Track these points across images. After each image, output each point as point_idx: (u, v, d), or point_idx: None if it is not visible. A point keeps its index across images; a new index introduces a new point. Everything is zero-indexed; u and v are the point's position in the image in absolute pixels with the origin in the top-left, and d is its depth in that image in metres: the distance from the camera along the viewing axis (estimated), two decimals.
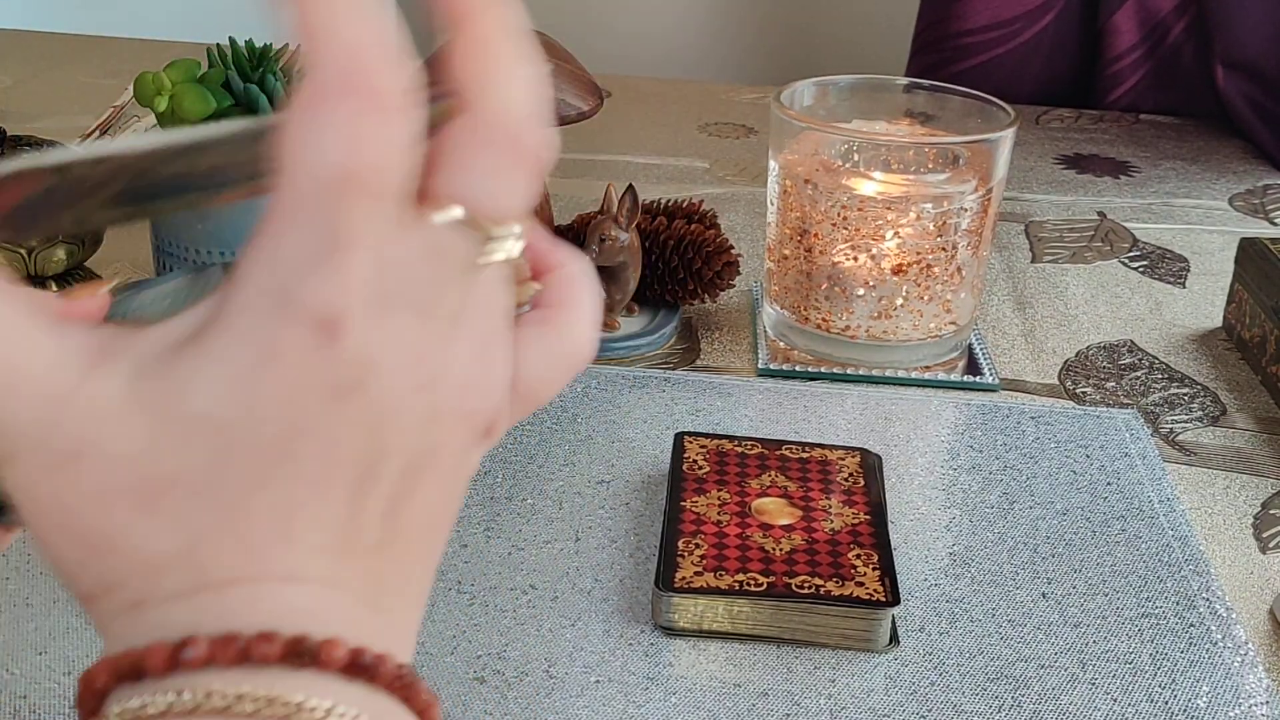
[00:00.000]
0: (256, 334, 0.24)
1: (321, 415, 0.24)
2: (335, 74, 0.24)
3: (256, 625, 0.23)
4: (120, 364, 0.24)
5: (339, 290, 0.24)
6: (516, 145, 0.26)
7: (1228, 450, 0.69)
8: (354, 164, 0.23)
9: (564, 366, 0.28)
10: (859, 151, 0.73)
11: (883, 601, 0.52)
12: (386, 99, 0.24)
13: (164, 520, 0.24)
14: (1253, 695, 0.51)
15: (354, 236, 0.24)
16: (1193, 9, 1.19)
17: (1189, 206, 1.02)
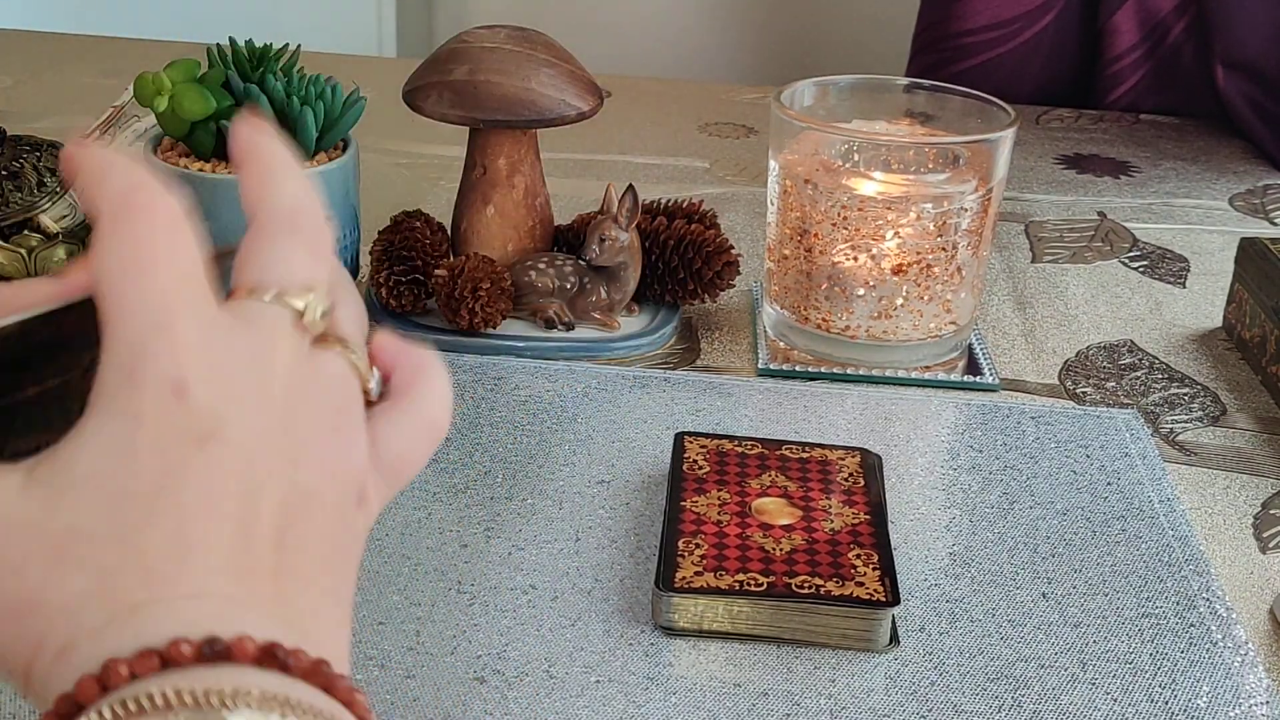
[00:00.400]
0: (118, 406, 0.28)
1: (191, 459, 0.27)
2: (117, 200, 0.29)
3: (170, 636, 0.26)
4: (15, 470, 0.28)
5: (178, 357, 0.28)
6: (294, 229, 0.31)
7: (1228, 450, 0.69)
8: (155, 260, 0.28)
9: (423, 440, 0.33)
10: (859, 151, 0.73)
11: (883, 601, 0.52)
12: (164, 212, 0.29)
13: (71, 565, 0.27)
14: (1253, 695, 0.51)
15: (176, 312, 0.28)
16: (1193, 9, 1.19)
17: (1189, 206, 1.02)
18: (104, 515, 0.27)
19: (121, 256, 0.28)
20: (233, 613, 0.27)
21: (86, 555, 0.27)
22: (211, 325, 0.29)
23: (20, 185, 0.73)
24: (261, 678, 0.25)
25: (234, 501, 0.28)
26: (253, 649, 0.26)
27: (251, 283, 0.30)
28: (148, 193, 0.29)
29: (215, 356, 0.28)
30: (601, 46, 1.30)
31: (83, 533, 0.27)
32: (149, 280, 0.28)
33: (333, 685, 0.26)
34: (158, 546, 0.27)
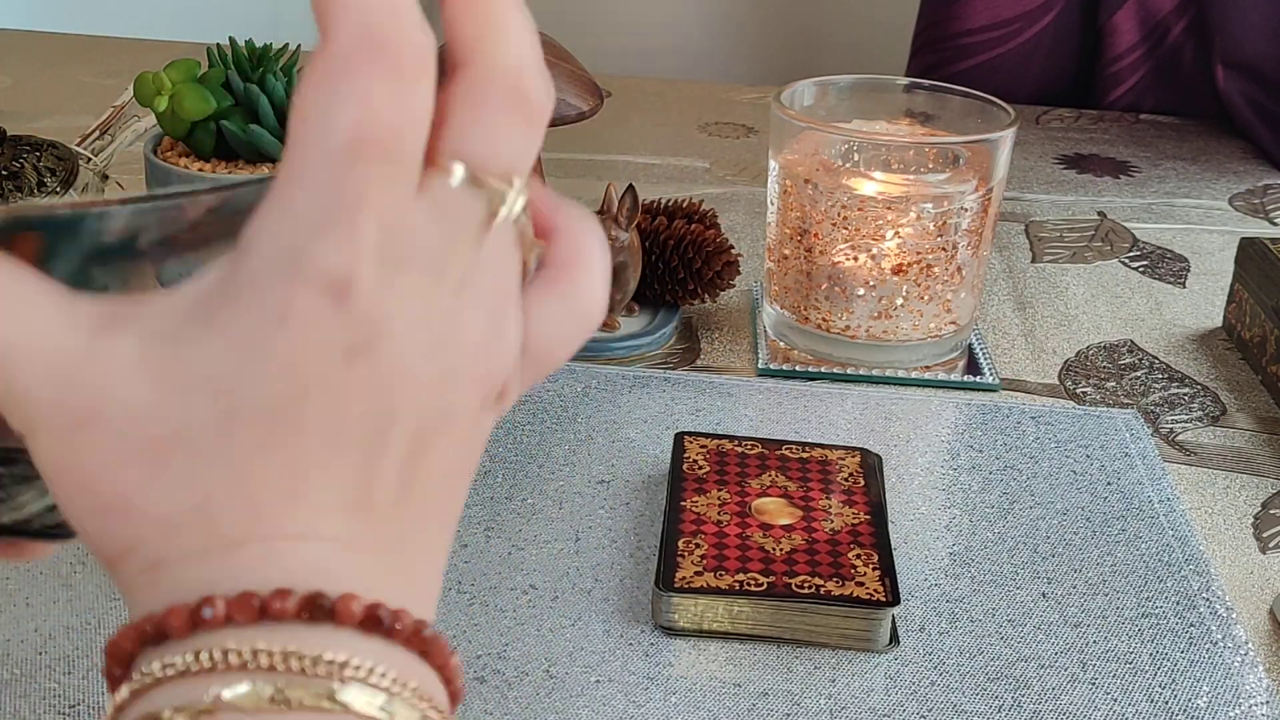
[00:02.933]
0: (265, 297, 0.24)
1: (331, 377, 0.24)
2: (352, 37, 0.23)
3: (272, 582, 0.24)
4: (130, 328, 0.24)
5: (349, 252, 0.23)
6: (515, 97, 0.26)
7: (1228, 450, 0.69)
8: (368, 129, 0.23)
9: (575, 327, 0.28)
10: (859, 151, 0.73)
11: (883, 601, 0.52)
12: (403, 65, 0.24)
13: (174, 479, 0.24)
14: (1253, 695, 0.51)
15: (365, 200, 0.23)
16: (1193, 9, 1.19)
17: (1189, 206, 1.02)
18: (218, 429, 0.24)
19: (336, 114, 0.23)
20: (340, 561, 0.24)
21: (192, 470, 0.24)
22: (400, 218, 0.24)
23: (20, 185, 0.73)
24: (365, 644, 0.24)
25: (366, 428, 0.24)
26: (358, 611, 0.24)
27: (457, 153, 0.25)
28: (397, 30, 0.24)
29: (393, 257, 0.24)
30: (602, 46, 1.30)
31: (192, 443, 0.24)
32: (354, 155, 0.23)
33: (432, 650, 0.25)
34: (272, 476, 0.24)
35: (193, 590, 0.24)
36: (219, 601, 0.23)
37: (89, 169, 0.75)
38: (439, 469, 0.26)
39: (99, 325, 0.24)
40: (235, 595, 0.23)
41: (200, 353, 0.24)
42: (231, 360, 0.24)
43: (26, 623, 0.52)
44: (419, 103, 0.24)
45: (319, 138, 0.23)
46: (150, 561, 0.24)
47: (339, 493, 0.24)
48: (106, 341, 0.24)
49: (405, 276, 0.24)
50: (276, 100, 0.72)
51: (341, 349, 0.24)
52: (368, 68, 0.23)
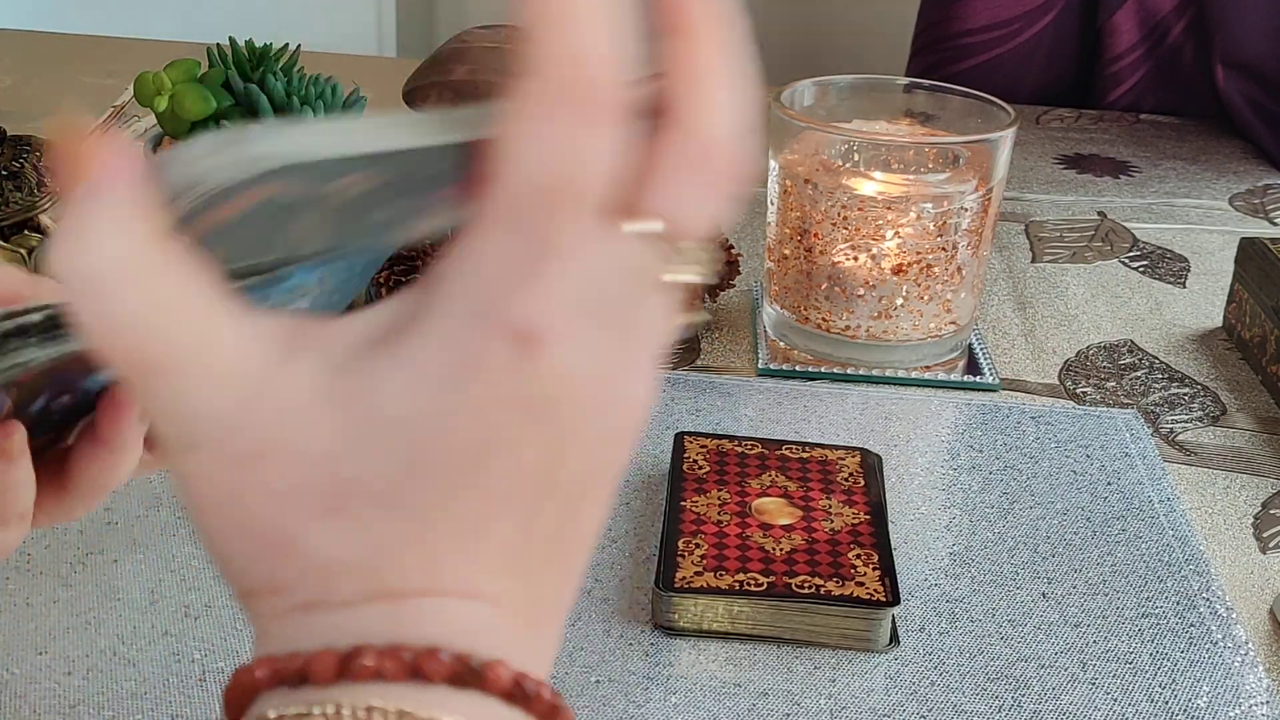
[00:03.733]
0: (456, 341, 0.23)
1: (512, 430, 0.23)
2: (560, 80, 0.23)
3: (426, 640, 0.23)
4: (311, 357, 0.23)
5: (543, 305, 0.23)
6: (718, 167, 0.25)
7: (1228, 450, 0.69)
8: (570, 176, 0.23)
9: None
10: (859, 151, 0.73)
11: (883, 601, 0.52)
12: (609, 112, 0.23)
13: (348, 525, 0.23)
14: (1253, 695, 0.51)
15: (561, 250, 0.23)
16: (1193, 9, 1.19)
17: (1189, 206, 1.02)
18: (401, 477, 0.23)
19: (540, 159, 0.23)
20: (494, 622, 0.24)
21: (369, 518, 0.23)
22: (593, 270, 0.24)
23: (21, 185, 0.73)
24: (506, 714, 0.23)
25: (533, 487, 0.24)
26: (506, 680, 0.23)
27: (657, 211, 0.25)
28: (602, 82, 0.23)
29: (583, 310, 0.23)
30: None
31: (374, 490, 0.23)
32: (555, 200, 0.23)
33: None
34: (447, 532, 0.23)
35: (345, 637, 0.23)
36: (370, 654, 0.22)
37: None
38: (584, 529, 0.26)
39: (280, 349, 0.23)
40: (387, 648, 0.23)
41: (389, 391, 0.23)
42: (419, 406, 0.23)
43: (26, 623, 0.52)
44: (615, 153, 0.24)
45: (520, 181, 0.23)
46: (302, 602, 0.24)
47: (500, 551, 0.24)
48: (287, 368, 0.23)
49: (589, 332, 0.24)
50: (276, 100, 0.72)
51: (527, 404, 0.23)
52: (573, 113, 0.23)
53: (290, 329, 0.24)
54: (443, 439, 0.23)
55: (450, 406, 0.23)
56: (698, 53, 0.25)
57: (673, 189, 0.25)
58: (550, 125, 0.23)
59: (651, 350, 0.25)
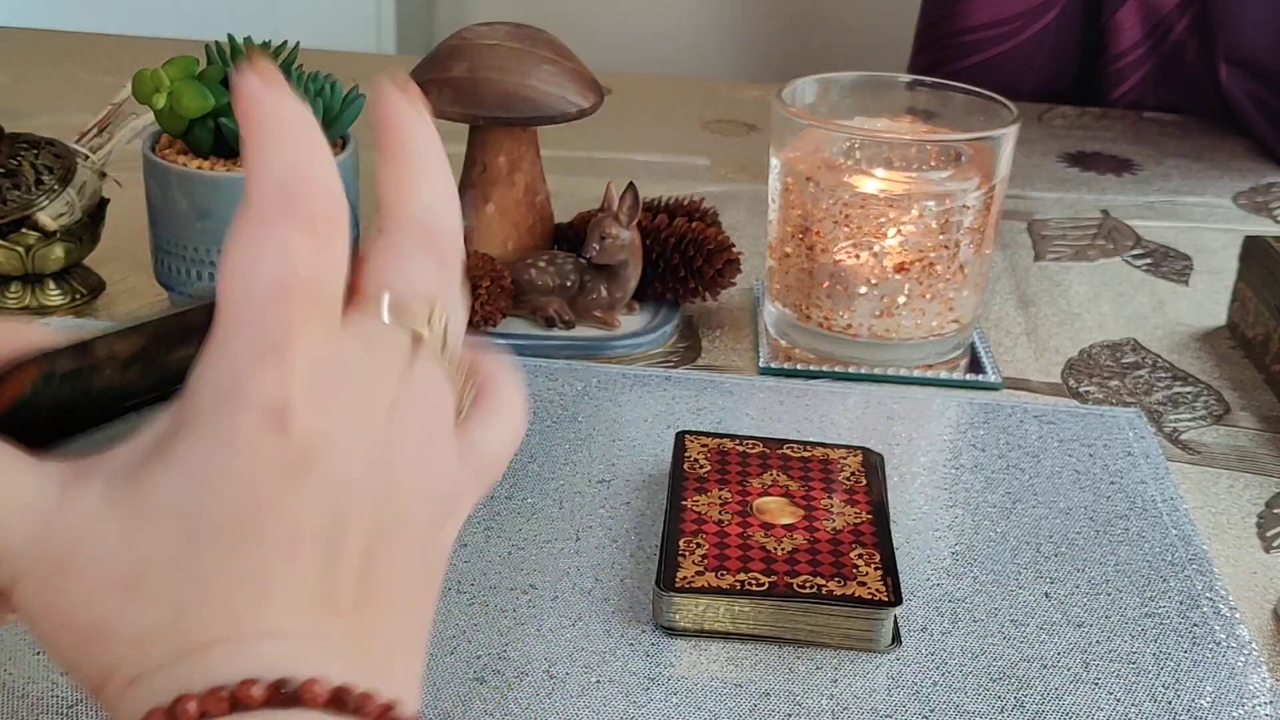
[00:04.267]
0: (211, 429, 0.26)
1: (279, 492, 0.26)
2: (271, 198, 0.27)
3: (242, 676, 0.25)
4: (95, 478, 0.27)
5: (283, 382, 0.26)
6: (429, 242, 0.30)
7: (1231, 449, 0.68)
8: (289, 279, 0.26)
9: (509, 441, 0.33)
10: (861, 149, 0.73)
11: (885, 601, 0.51)
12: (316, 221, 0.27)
13: (146, 600, 0.26)
14: (1256, 695, 0.51)
15: (292, 336, 0.26)
16: (1196, 6, 1.19)
17: (1192, 204, 1.01)
18: (183, 549, 0.26)
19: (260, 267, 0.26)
20: (308, 653, 0.26)
21: (161, 589, 0.26)
22: (328, 350, 0.27)
23: (18, 183, 0.73)
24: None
25: (320, 537, 0.27)
26: (323, 693, 0.25)
27: (376, 291, 0.29)
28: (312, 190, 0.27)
29: (324, 384, 0.27)
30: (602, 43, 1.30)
31: (159, 566, 0.26)
32: (280, 298, 0.26)
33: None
34: (235, 585, 0.26)
35: (168, 694, 0.25)
36: (191, 701, 0.25)
37: (87, 166, 0.75)
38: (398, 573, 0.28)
39: (67, 481, 0.27)
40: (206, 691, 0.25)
41: (161, 485, 0.26)
42: (190, 487, 0.26)
43: None
44: (333, 252, 0.27)
45: (247, 287, 0.26)
46: (129, 679, 0.26)
47: (301, 593, 0.27)
48: (77, 492, 0.27)
49: (339, 401, 0.27)
50: None
51: (287, 467, 0.26)
52: (285, 223, 0.27)
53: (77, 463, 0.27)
54: (212, 510, 0.26)
55: (214, 481, 0.26)
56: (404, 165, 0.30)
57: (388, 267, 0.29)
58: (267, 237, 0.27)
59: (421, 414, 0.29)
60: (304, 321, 0.27)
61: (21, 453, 0.27)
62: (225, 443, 0.26)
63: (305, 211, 0.27)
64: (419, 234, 0.30)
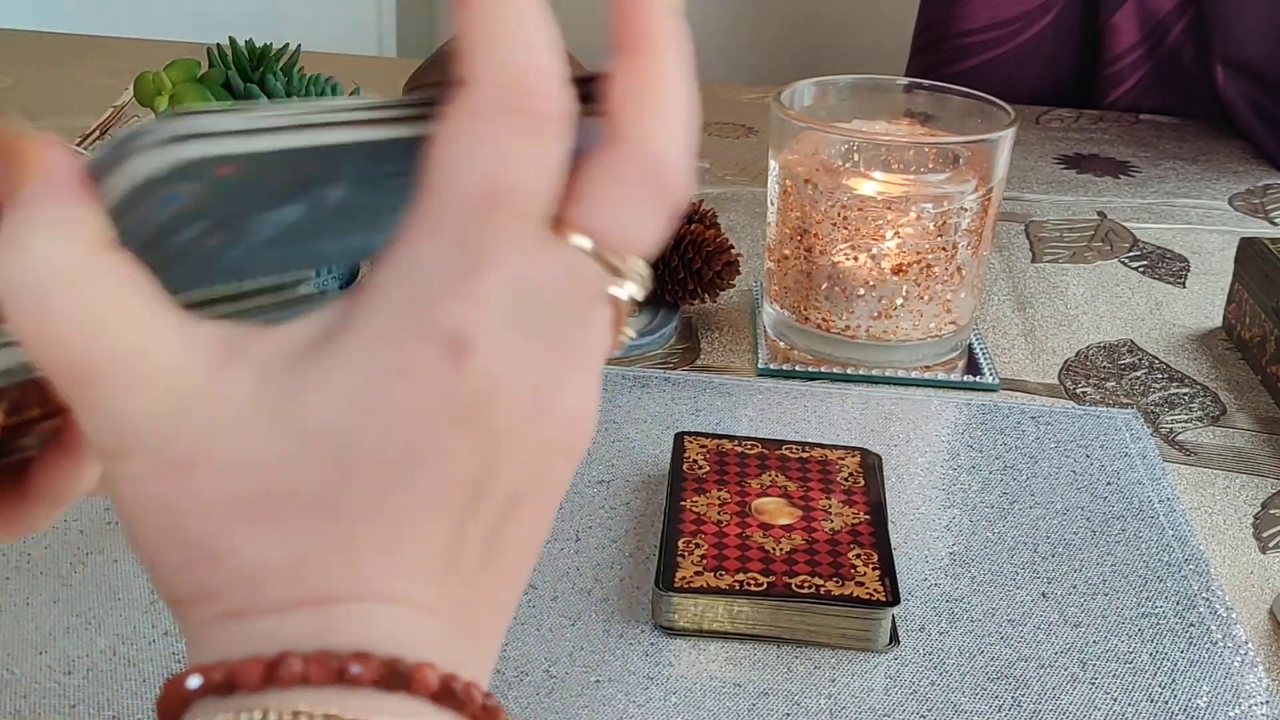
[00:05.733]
0: (385, 347, 0.23)
1: (441, 438, 0.24)
2: (496, 88, 0.23)
3: (353, 644, 0.23)
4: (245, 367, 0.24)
5: (474, 311, 0.23)
6: (660, 186, 0.25)
7: (1228, 450, 0.69)
8: (505, 184, 0.23)
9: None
10: (859, 151, 0.73)
11: (883, 601, 0.52)
12: (545, 122, 0.24)
13: (275, 533, 0.23)
14: (1253, 695, 0.51)
15: (495, 257, 0.23)
16: (1192, 9, 1.19)
17: (1189, 206, 1.02)
18: (327, 485, 0.23)
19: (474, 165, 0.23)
20: (421, 627, 0.24)
21: (295, 524, 0.23)
22: (528, 279, 0.24)
23: None
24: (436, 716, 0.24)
25: (462, 495, 0.24)
26: (433, 682, 0.23)
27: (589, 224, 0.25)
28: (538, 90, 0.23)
29: (515, 319, 0.24)
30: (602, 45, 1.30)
31: (300, 499, 0.23)
32: (489, 209, 0.23)
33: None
34: (373, 538, 0.24)
35: (272, 644, 0.23)
36: (296, 660, 0.23)
37: None
38: (521, 539, 0.26)
39: (216, 359, 0.24)
40: (313, 653, 0.23)
41: (317, 402, 0.23)
42: (349, 412, 0.23)
43: (26, 623, 0.52)
44: (554, 164, 0.24)
45: (455, 188, 0.23)
46: (231, 610, 0.24)
47: (430, 555, 0.24)
48: (225, 377, 0.23)
49: (521, 341, 0.24)
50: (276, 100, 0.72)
51: (456, 410, 0.24)
52: (509, 122, 0.23)
53: (228, 337, 0.24)
54: (369, 445, 0.23)
55: (377, 412, 0.23)
56: (647, 71, 0.26)
57: (614, 205, 0.25)
58: (490, 134, 0.23)
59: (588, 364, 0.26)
60: (509, 239, 0.23)
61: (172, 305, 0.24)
62: (399, 368, 0.23)
63: (532, 110, 0.23)
64: (651, 175, 0.25)
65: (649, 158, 0.25)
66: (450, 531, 0.24)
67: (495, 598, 0.26)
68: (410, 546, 0.24)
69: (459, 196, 0.23)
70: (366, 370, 0.23)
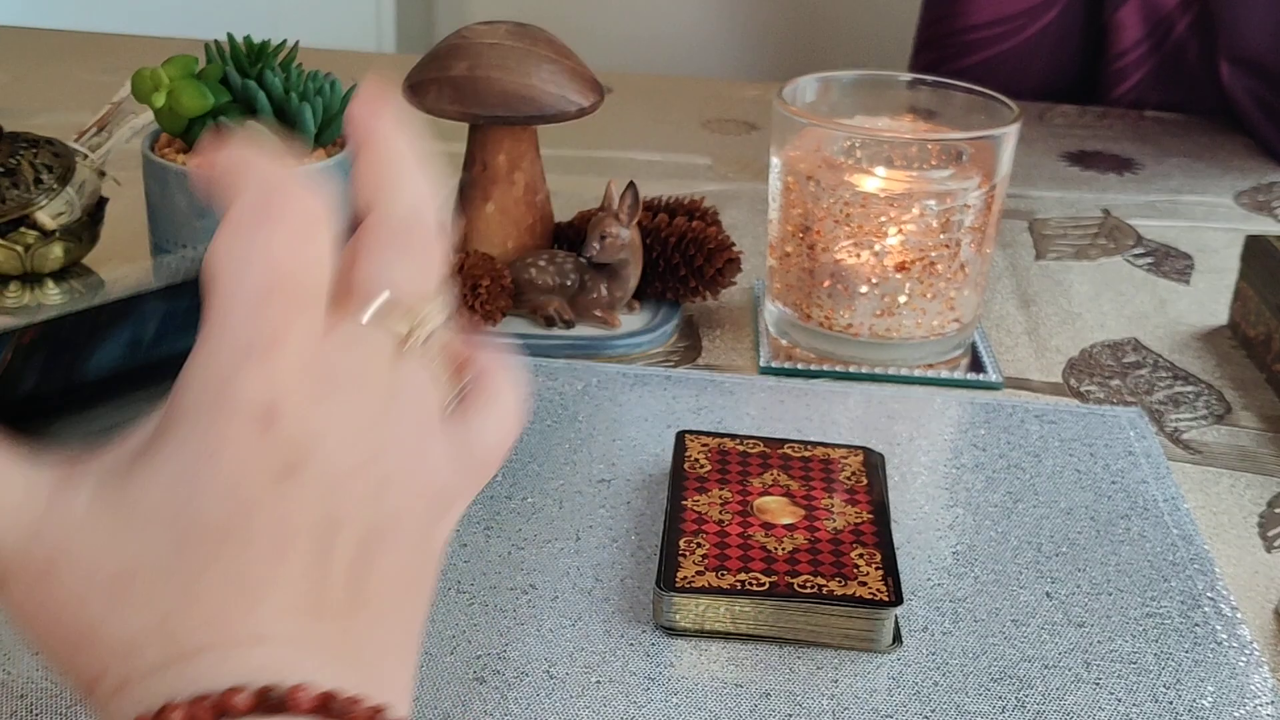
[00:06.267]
0: (198, 430, 0.26)
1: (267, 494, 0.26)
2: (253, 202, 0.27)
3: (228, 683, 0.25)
4: (85, 481, 0.27)
5: (270, 381, 0.26)
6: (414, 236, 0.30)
7: (1233, 449, 0.68)
8: (274, 275, 0.26)
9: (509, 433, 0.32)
10: (862, 148, 0.73)
11: (886, 601, 0.51)
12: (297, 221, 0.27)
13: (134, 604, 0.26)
14: (1258, 695, 0.51)
15: (279, 335, 0.26)
16: (1197, 5, 1.19)
17: (1194, 203, 1.01)
18: (169, 553, 0.26)
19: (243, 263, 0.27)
20: (294, 659, 0.26)
21: (148, 594, 0.26)
22: (314, 350, 0.27)
23: (17, 182, 0.73)
24: None
25: (308, 539, 0.27)
26: (308, 700, 0.25)
27: (357, 292, 0.29)
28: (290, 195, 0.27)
29: (311, 384, 0.27)
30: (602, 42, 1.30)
31: (146, 570, 0.26)
32: (265, 299, 0.26)
33: None
34: (221, 589, 0.26)
35: (155, 701, 0.25)
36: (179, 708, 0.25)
37: (86, 165, 0.75)
38: (391, 573, 0.28)
39: (58, 482, 0.27)
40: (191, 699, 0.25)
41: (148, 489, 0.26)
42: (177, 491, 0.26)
43: None
44: (316, 251, 0.27)
45: (234, 286, 0.26)
46: (117, 684, 0.26)
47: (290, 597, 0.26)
48: (67, 494, 0.27)
49: (329, 399, 0.27)
50: (275, 96, 0.71)
51: (275, 469, 0.26)
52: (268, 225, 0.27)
53: (66, 464, 0.27)
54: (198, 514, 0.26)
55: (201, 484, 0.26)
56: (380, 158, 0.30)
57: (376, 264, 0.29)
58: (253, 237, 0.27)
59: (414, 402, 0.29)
60: (290, 321, 0.27)
61: (13, 451, 0.27)
62: (212, 445, 0.26)
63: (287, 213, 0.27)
64: (401, 233, 0.30)
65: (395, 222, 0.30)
66: (307, 572, 0.27)
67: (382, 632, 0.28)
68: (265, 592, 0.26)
69: (241, 292, 0.26)
70: (185, 453, 0.26)
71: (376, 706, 0.26)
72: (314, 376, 0.27)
